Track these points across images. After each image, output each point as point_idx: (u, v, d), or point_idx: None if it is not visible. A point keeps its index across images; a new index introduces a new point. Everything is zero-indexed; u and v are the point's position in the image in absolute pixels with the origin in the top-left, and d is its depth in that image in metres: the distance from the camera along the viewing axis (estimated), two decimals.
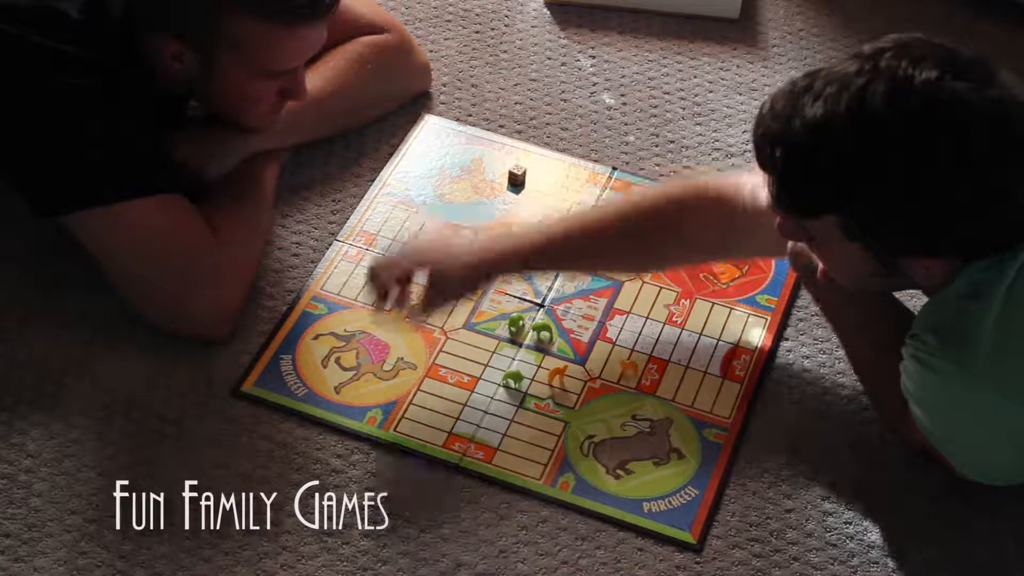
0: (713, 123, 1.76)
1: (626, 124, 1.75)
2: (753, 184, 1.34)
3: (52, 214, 1.41)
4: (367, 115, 1.69)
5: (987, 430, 1.26)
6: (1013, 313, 1.21)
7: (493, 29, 1.87)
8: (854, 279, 1.29)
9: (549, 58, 1.84)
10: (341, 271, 1.54)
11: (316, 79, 1.61)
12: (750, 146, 1.71)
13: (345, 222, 1.60)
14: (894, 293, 1.40)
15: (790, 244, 1.34)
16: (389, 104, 1.72)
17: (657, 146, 1.72)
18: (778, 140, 1.19)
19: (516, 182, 1.64)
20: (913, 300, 1.40)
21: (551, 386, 1.45)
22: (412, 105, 1.74)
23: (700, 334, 1.50)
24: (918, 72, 1.15)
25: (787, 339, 1.51)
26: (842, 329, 1.40)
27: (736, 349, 1.49)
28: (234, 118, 1.52)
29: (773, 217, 1.27)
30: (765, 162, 1.22)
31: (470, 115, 1.75)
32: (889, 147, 1.16)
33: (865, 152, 1.16)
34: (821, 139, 1.17)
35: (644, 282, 1.55)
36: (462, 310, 1.51)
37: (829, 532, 1.34)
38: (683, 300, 1.54)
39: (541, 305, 1.53)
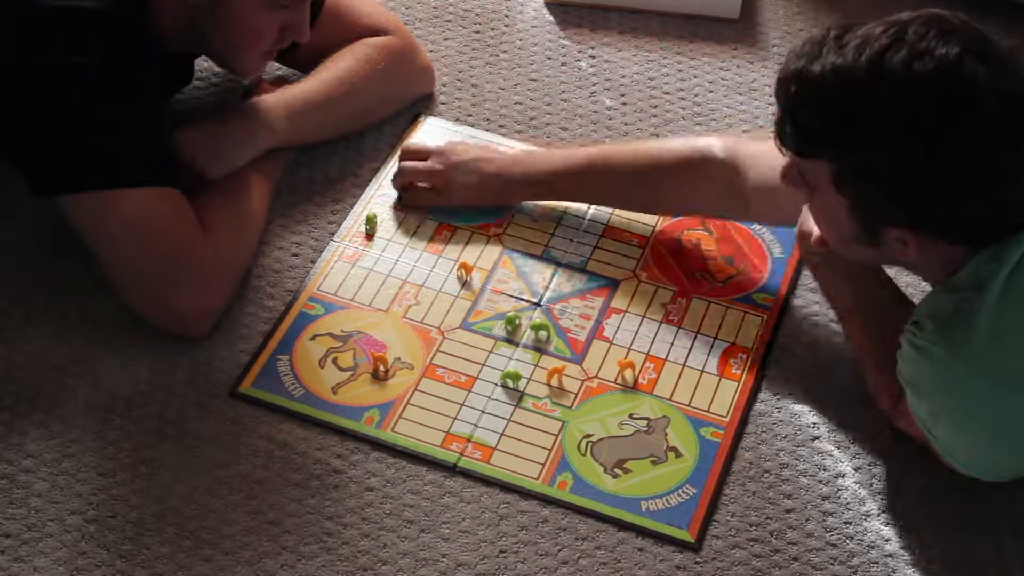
0: (713, 123, 1.76)
1: (626, 124, 1.75)
2: (770, 154, 1.36)
3: (50, 193, 1.42)
4: (371, 118, 1.70)
5: (978, 421, 1.26)
6: (1010, 304, 1.22)
7: (493, 29, 1.88)
8: (841, 239, 1.30)
9: (549, 58, 1.84)
10: (338, 271, 1.54)
11: (327, 79, 1.61)
12: None
13: (343, 222, 1.60)
14: (897, 285, 1.41)
15: (798, 224, 1.37)
16: (392, 107, 1.72)
17: None
18: (795, 77, 1.22)
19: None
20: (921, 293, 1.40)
21: (549, 385, 1.45)
22: (411, 106, 1.74)
23: (697, 333, 1.50)
24: (941, 46, 1.17)
25: (786, 338, 1.51)
26: (839, 310, 1.42)
27: (733, 348, 1.49)
28: (229, 58, 1.51)
29: (777, 188, 1.32)
30: (780, 97, 1.26)
31: (470, 115, 1.75)
32: (892, 109, 1.18)
33: (870, 107, 1.19)
34: (834, 84, 1.20)
35: (641, 281, 1.56)
36: (459, 309, 1.52)
37: (829, 532, 1.34)
38: (680, 299, 1.54)
39: (538, 304, 1.53)
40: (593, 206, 1.63)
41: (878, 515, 1.36)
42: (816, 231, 1.35)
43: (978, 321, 1.22)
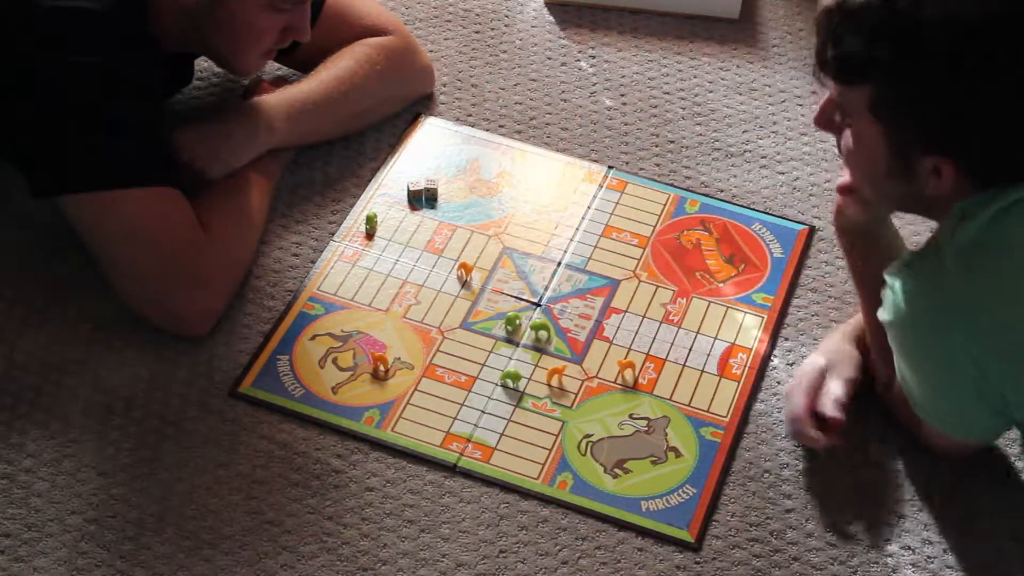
0: (713, 123, 1.76)
1: (626, 124, 1.75)
2: None
3: (50, 194, 1.42)
4: (371, 118, 1.70)
5: (943, 365, 1.26)
6: (990, 243, 1.22)
7: (493, 29, 1.88)
8: (872, 175, 1.29)
9: (549, 58, 1.84)
10: (338, 271, 1.54)
11: (326, 79, 1.61)
12: (750, 146, 1.74)
13: (343, 222, 1.60)
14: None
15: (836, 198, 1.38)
16: (392, 107, 1.72)
17: (657, 146, 1.73)
18: (838, 7, 1.21)
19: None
20: None
21: (549, 385, 1.45)
22: (411, 106, 1.74)
23: (697, 333, 1.50)
24: None
25: (787, 339, 1.51)
26: (865, 293, 1.40)
27: (733, 348, 1.49)
28: (229, 58, 1.51)
29: None
30: (822, 27, 1.24)
31: (470, 115, 1.75)
32: (940, 23, 1.17)
33: (917, 24, 1.17)
34: (879, 6, 1.19)
35: (641, 281, 1.56)
36: (459, 309, 1.52)
37: (829, 532, 1.34)
38: (680, 299, 1.54)
39: (538, 304, 1.53)
40: (593, 206, 1.63)
41: (878, 515, 1.35)
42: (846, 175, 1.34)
43: (946, 252, 1.23)
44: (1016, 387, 1.25)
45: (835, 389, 1.38)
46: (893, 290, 1.27)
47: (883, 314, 1.29)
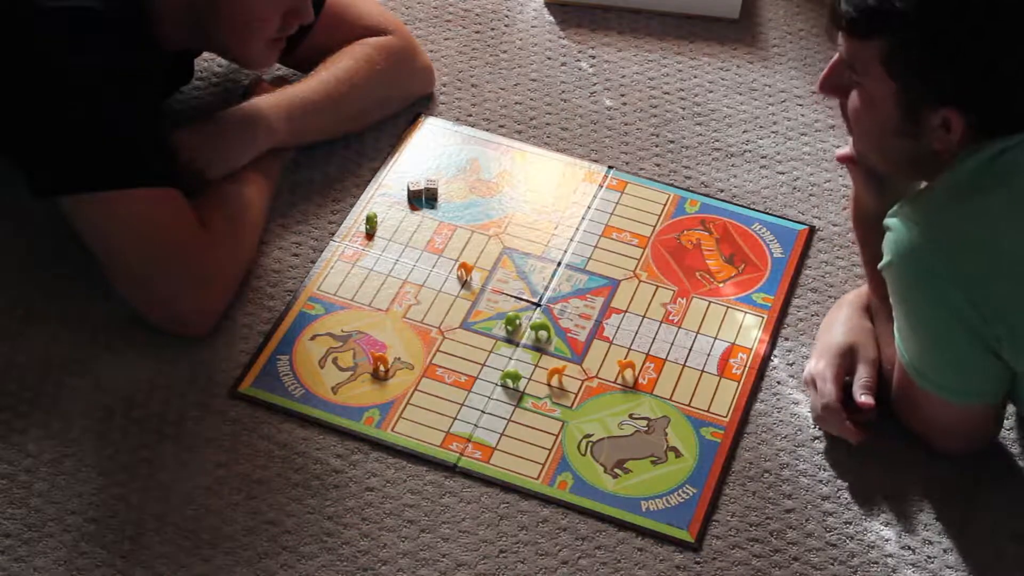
0: (713, 123, 1.76)
1: (626, 124, 1.75)
2: None
3: (50, 194, 1.42)
4: (371, 118, 1.70)
5: (938, 304, 1.25)
6: (984, 175, 1.22)
7: (493, 29, 1.88)
8: (880, 135, 1.29)
9: (549, 58, 1.84)
10: (338, 271, 1.54)
11: (326, 79, 1.62)
12: (750, 146, 1.74)
13: (343, 222, 1.60)
14: None
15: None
16: (393, 107, 1.72)
17: (657, 146, 1.73)
18: None
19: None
20: None
21: (549, 385, 1.45)
22: (411, 106, 1.74)
23: (697, 333, 1.51)
24: None
25: (787, 339, 1.51)
26: (875, 275, 1.40)
27: (733, 348, 1.49)
28: (235, 49, 1.51)
29: None
30: None
31: (470, 115, 1.75)
32: None
33: None
34: None
35: (641, 281, 1.56)
36: (459, 309, 1.52)
37: (829, 532, 1.34)
38: (680, 299, 1.54)
39: (538, 304, 1.53)
40: (593, 206, 1.63)
41: (878, 515, 1.36)
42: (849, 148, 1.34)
43: (943, 186, 1.23)
44: (1011, 324, 1.24)
45: (862, 373, 1.38)
46: (891, 229, 1.27)
47: (883, 261, 1.29)
